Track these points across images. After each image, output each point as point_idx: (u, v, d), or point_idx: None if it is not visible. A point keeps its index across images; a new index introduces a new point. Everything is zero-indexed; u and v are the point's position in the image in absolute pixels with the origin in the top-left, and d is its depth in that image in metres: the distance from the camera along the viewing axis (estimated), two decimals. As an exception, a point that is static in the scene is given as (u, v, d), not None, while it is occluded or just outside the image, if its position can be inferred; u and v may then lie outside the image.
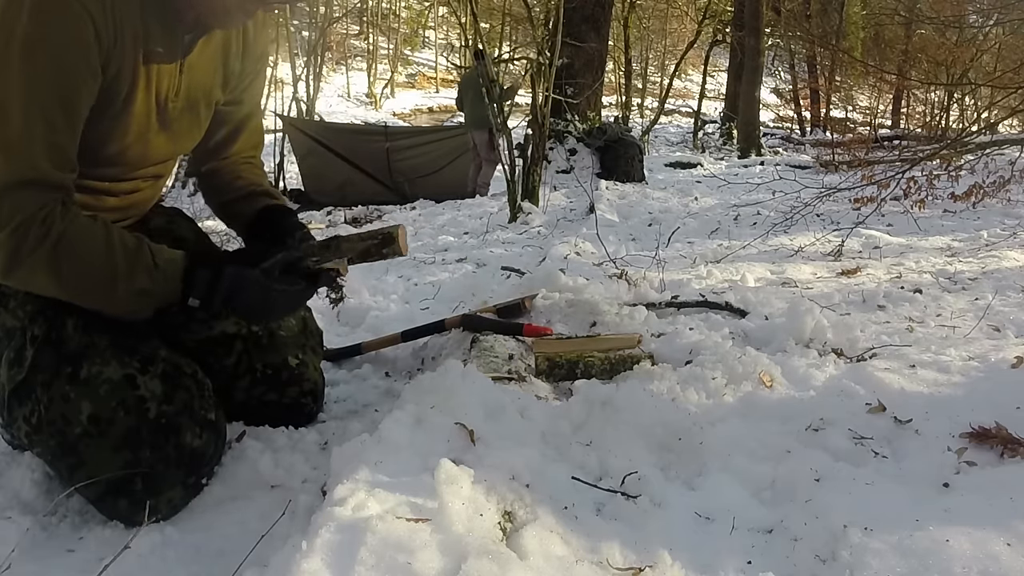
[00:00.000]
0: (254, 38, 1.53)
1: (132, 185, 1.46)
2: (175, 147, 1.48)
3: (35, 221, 1.19)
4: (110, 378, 1.29)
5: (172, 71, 1.36)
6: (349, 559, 0.90)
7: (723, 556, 1.05)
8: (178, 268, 1.32)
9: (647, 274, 2.70)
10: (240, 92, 1.56)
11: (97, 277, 1.27)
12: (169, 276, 1.31)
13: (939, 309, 2.34)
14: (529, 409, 1.40)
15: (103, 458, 1.27)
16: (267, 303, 1.38)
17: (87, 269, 1.26)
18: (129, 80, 1.29)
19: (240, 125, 1.60)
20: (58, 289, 1.28)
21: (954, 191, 5.29)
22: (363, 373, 2.01)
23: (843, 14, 18.16)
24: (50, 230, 1.20)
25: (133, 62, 1.28)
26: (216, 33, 1.41)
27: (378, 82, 23.20)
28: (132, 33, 1.26)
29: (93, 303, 1.32)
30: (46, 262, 1.22)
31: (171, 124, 1.41)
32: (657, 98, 18.04)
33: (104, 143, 1.31)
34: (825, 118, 16.97)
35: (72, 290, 1.28)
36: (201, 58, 1.41)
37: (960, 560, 0.97)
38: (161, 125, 1.39)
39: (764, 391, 1.55)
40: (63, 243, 1.22)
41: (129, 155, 1.38)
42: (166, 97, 1.37)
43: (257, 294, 1.36)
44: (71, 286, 1.27)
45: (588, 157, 8.03)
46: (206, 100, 1.47)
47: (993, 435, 1.26)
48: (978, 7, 13.14)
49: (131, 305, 1.31)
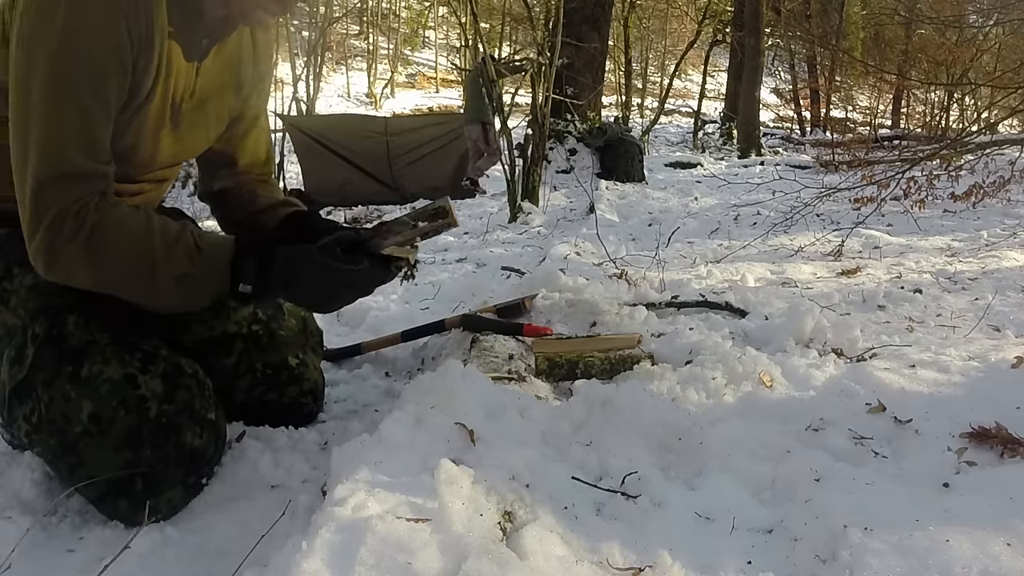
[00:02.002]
0: (262, 44, 1.53)
1: (138, 187, 1.46)
2: (183, 150, 1.47)
3: (69, 214, 1.20)
4: (111, 377, 1.29)
5: (189, 72, 1.37)
6: (349, 559, 0.90)
7: (723, 556, 1.05)
8: (225, 251, 1.29)
9: (647, 274, 2.70)
10: (247, 98, 1.56)
11: (134, 265, 1.26)
12: (214, 260, 1.28)
13: (939, 309, 2.34)
14: (529, 409, 1.40)
15: (103, 457, 1.26)
16: (331, 285, 1.29)
17: (122, 258, 1.25)
18: (152, 76, 1.29)
19: (247, 131, 1.60)
20: (96, 281, 1.27)
21: (954, 191, 5.29)
22: (363, 373, 2.01)
23: (843, 14, 18.15)
24: (84, 222, 1.21)
25: (157, 59, 1.29)
26: (229, 41, 1.42)
27: (378, 82, 23.18)
28: (160, 30, 1.27)
29: (136, 295, 1.30)
30: (82, 254, 1.22)
31: (182, 125, 1.41)
32: (657, 98, 18.02)
33: (117, 138, 1.30)
34: (825, 118, 16.96)
35: (110, 281, 1.27)
36: (215, 64, 1.42)
37: (960, 560, 0.97)
38: (173, 125, 1.40)
39: (764, 391, 1.55)
40: (96, 233, 1.22)
41: (139, 154, 1.38)
42: (181, 98, 1.38)
43: (319, 275, 1.28)
44: (109, 277, 1.27)
45: (588, 157, 8.03)
46: (217, 107, 1.47)
47: (993, 435, 1.26)
48: (978, 7, 13.13)
49: (176, 295, 1.29)
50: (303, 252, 1.30)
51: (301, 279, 1.29)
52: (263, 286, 1.29)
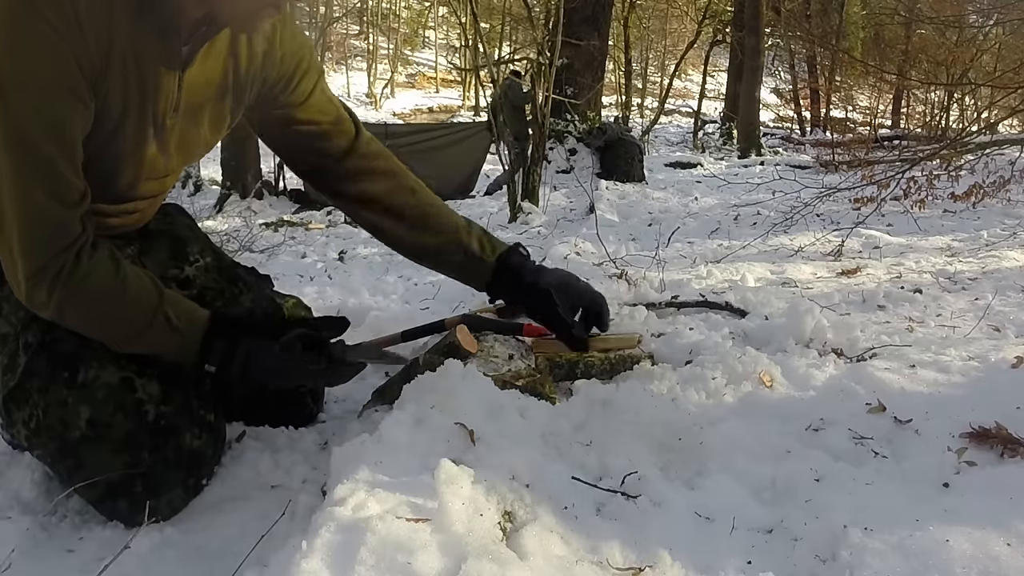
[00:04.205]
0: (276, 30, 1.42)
1: (131, 206, 1.44)
2: (174, 164, 1.42)
3: (48, 276, 1.20)
4: (108, 382, 1.28)
5: (170, 86, 1.29)
6: (349, 559, 0.90)
7: (723, 556, 1.05)
8: (198, 333, 1.32)
9: (647, 274, 2.69)
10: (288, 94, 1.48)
11: (112, 334, 1.30)
12: (188, 340, 1.32)
13: (939, 309, 2.34)
14: (529, 409, 1.40)
15: (102, 461, 1.26)
16: (285, 374, 1.37)
17: (100, 326, 1.29)
18: (121, 101, 1.23)
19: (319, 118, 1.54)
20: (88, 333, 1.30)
21: (954, 191, 5.29)
22: (363, 373, 2.00)
23: (843, 14, 18.17)
24: (55, 289, 1.21)
25: (123, 81, 1.22)
26: (220, 39, 1.33)
27: (378, 82, 23.19)
28: (120, 50, 1.19)
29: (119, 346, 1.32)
30: (59, 317, 1.25)
31: (169, 142, 1.35)
32: (657, 98, 18.03)
33: (95, 163, 1.25)
34: (825, 118, 16.97)
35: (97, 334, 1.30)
36: (203, 70, 1.33)
37: (960, 560, 0.97)
38: (159, 143, 1.34)
39: (764, 391, 1.55)
40: (76, 296, 1.23)
41: (123, 176, 1.34)
42: (163, 114, 1.30)
43: (273, 366, 1.35)
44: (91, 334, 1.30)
45: (588, 157, 8.04)
46: (212, 112, 1.40)
47: (993, 435, 1.26)
48: (978, 7, 13.14)
49: (150, 355, 1.33)
50: (266, 349, 1.35)
51: (259, 368, 1.35)
52: (225, 370, 1.34)
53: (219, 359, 1.33)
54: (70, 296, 1.22)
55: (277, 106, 1.49)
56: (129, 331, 1.29)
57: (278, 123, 1.53)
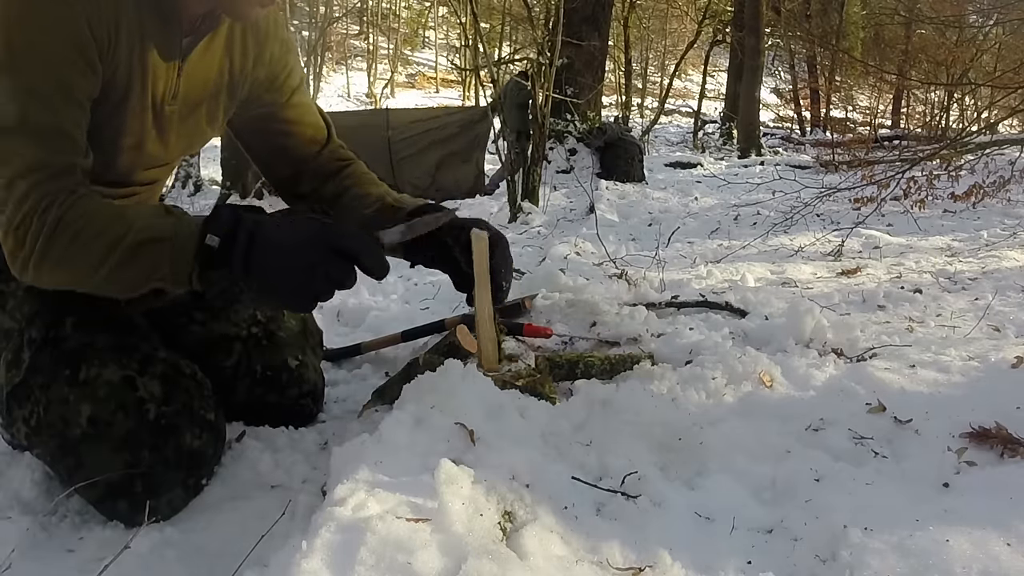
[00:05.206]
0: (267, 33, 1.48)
1: (130, 190, 1.45)
2: (172, 152, 1.45)
3: (36, 213, 1.14)
4: (109, 380, 1.29)
5: (169, 73, 1.33)
6: (349, 559, 0.90)
7: (723, 556, 1.05)
8: (194, 221, 1.20)
9: (647, 274, 2.70)
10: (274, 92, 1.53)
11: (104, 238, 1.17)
12: (184, 219, 1.20)
13: (939, 309, 2.34)
14: (529, 409, 1.40)
15: (103, 460, 1.26)
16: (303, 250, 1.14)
17: (88, 243, 1.17)
18: (126, 77, 1.27)
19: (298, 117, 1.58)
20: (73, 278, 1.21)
21: (954, 191, 5.29)
22: (363, 373, 2.01)
23: (843, 14, 18.17)
24: (46, 222, 1.14)
25: (129, 58, 1.26)
26: (218, 37, 1.38)
27: (378, 82, 23.20)
28: (128, 28, 1.24)
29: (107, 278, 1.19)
30: (46, 252, 1.15)
31: (167, 128, 1.38)
32: (657, 98, 18.04)
33: (97, 133, 1.26)
34: (825, 118, 16.98)
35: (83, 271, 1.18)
36: (202, 63, 1.38)
37: (960, 560, 0.97)
38: (157, 129, 1.37)
39: (764, 391, 1.55)
40: (61, 226, 1.15)
41: (125, 157, 1.35)
42: (162, 100, 1.34)
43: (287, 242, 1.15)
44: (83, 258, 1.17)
45: (588, 157, 8.04)
46: (209, 107, 1.44)
47: (993, 435, 1.26)
48: (978, 7, 13.14)
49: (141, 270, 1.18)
50: (275, 221, 1.19)
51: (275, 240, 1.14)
52: (232, 238, 1.15)
53: (223, 227, 1.16)
54: (61, 226, 1.14)
55: (262, 104, 1.54)
56: (122, 228, 1.17)
57: (260, 120, 1.57)
